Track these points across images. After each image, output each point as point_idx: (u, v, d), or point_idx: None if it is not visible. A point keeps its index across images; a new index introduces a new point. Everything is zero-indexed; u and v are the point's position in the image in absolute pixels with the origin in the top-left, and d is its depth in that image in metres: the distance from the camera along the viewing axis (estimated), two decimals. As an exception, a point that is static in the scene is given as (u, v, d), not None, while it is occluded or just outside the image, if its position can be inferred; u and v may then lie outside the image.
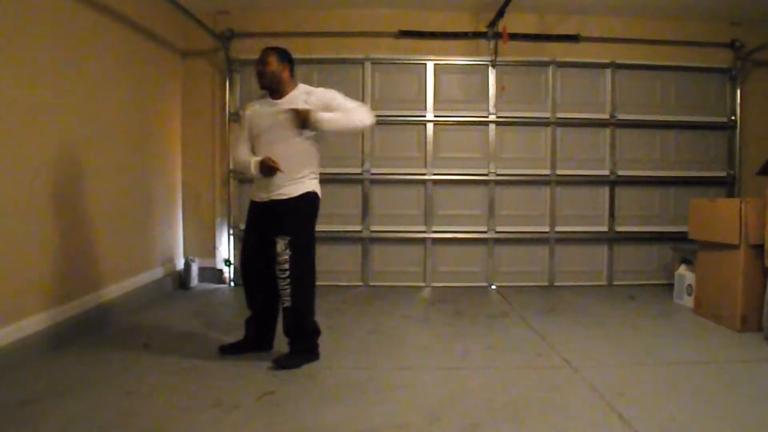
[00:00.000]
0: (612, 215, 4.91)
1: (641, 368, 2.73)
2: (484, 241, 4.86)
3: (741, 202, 3.37)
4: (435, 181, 4.84)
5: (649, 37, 4.85)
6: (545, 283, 4.88)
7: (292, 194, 2.70)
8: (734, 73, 4.91)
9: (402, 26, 4.78)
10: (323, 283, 3.16)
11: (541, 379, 2.59)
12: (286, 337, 2.76)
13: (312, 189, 2.77)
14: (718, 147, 4.99)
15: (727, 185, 4.98)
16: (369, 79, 4.80)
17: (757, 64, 4.93)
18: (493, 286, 4.81)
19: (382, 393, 2.39)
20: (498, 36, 4.62)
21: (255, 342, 2.88)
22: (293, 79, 2.83)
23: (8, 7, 2.59)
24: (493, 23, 4.59)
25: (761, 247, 3.30)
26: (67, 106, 3.09)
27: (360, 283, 4.84)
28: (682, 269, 4.12)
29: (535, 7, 4.67)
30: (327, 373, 2.63)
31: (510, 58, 4.79)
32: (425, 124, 4.83)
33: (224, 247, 4.87)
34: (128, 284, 3.79)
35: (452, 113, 4.84)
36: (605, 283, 4.91)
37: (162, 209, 4.44)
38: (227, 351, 2.85)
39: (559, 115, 4.86)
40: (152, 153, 4.27)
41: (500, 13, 4.36)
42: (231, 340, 2.97)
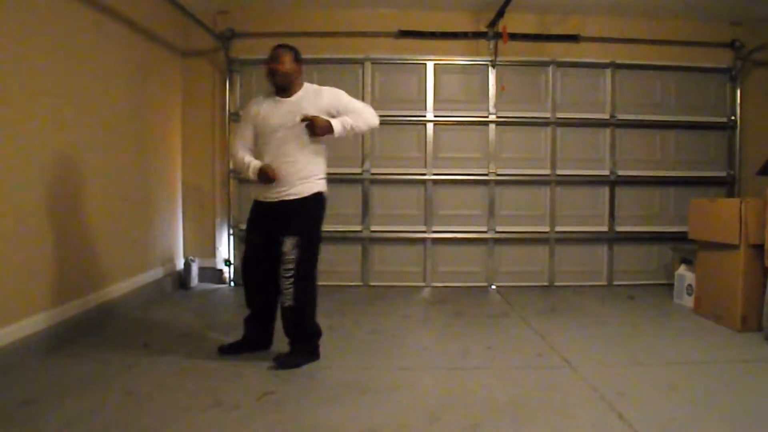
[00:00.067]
0: (612, 215, 4.91)
1: (641, 368, 2.73)
2: (484, 241, 4.86)
3: (741, 202, 3.37)
4: (435, 181, 4.84)
5: (649, 37, 4.85)
6: (545, 283, 4.88)
7: (302, 194, 2.69)
8: (734, 73, 4.91)
9: (402, 26, 4.78)
10: (323, 283, 3.17)
11: (541, 379, 2.59)
12: (287, 336, 2.76)
13: (321, 189, 2.77)
14: (718, 147, 4.99)
15: (727, 185, 4.98)
16: (369, 79, 4.80)
17: (757, 64, 4.93)
18: (493, 286, 4.81)
19: (382, 393, 2.39)
20: (498, 36, 4.62)
21: (254, 341, 2.88)
22: (301, 78, 2.81)
23: (8, 7, 2.59)
24: (493, 23, 4.60)
25: (761, 247, 3.30)
26: (67, 106, 3.09)
27: (360, 283, 4.84)
28: (682, 269, 4.12)
29: (535, 7, 4.67)
30: (327, 373, 2.63)
31: (510, 58, 4.79)
32: (425, 124, 4.83)
33: (224, 247, 4.87)
34: (128, 284, 3.79)
35: (452, 113, 4.84)
36: (605, 283, 4.91)
37: (162, 209, 4.44)
38: (227, 351, 2.85)
39: (559, 115, 4.86)
40: (152, 153, 4.27)
41: (500, 13, 4.36)
42: (231, 340, 2.96)
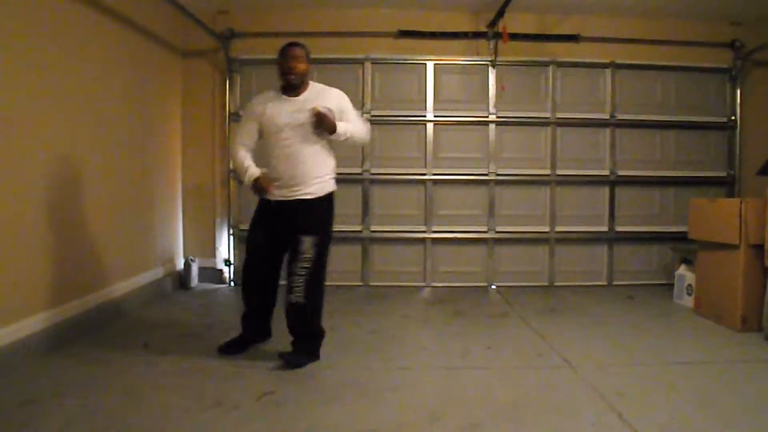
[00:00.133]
0: (612, 215, 4.91)
1: (641, 368, 2.73)
2: (484, 241, 4.86)
3: (741, 202, 3.37)
4: (435, 181, 4.84)
5: (649, 37, 4.85)
6: (545, 283, 4.87)
7: (317, 194, 2.69)
8: (734, 73, 4.90)
9: (402, 26, 4.78)
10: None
11: (541, 379, 2.59)
12: (291, 335, 2.74)
13: (333, 189, 2.78)
14: (718, 147, 4.99)
15: (727, 185, 4.98)
16: (369, 78, 4.80)
17: (757, 64, 4.93)
18: (493, 286, 4.81)
19: (382, 393, 2.39)
20: (498, 36, 4.62)
21: (252, 336, 2.88)
22: (308, 77, 2.80)
23: (8, 7, 2.59)
24: (493, 23, 4.59)
25: (761, 247, 3.29)
26: (67, 106, 3.09)
27: (360, 283, 4.83)
28: (682, 269, 4.12)
29: (535, 7, 4.66)
30: (327, 373, 2.63)
31: (510, 58, 4.78)
32: (425, 124, 4.83)
33: (224, 247, 4.87)
34: (128, 284, 3.79)
35: (452, 113, 4.84)
36: (605, 283, 4.90)
37: (162, 209, 4.44)
38: (226, 350, 2.84)
39: (559, 115, 4.86)
40: (152, 153, 4.27)
41: (500, 13, 4.36)
42: (230, 340, 2.95)
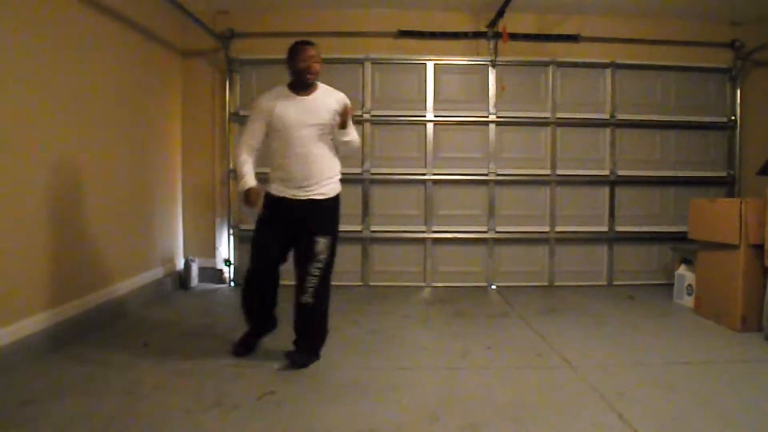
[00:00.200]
0: (612, 215, 4.91)
1: (641, 368, 2.73)
2: (484, 241, 4.86)
3: (741, 202, 3.38)
4: (435, 181, 4.84)
5: (649, 37, 4.85)
6: (545, 283, 4.87)
7: (330, 194, 2.75)
8: (734, 73, 4.90)
9: (402, 26, 4.78)
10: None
11: (541, 379, 2.59)
12: (296, 334, 2.74)
13: (341, 190, 2.84)
14: (718, 147, 4.99)
15: (727, 185, 4.98)
16: (369, 78, 4.80)
17: (757, 64, 4.93)
18: (493, 286, 4.81)
19: (382, 393, 2.39)
20: (498, 36, 4.62)
21: (262, 327, 2.87)
22: None
23: (7, 7, 2.59)
24: (493, 23, 4.60)
25: (761, 247, 3.30)
26: (67, 106, 3.09)
27: (360, 283, 4.83)
28: (682, 269, 4.12)
29: (535, 7, 4.66)
30: (327, 373, 2.63)
31: (510, 58, 4.79)
32: (425, 124, 4.83)
33: (224, 247, 4.87)
34: (128, 284, 3.79)
35: (452, 113, 4.84)
36: (605, 283, 4.90)
37: (162, 209, 4.44)
38: (242, 351, 2.81)
39: (559, 115, 4.85)
40: (152, 153, 4.27)
41: (500, 13, 4.36)
42: (230, 340, 2.96)
